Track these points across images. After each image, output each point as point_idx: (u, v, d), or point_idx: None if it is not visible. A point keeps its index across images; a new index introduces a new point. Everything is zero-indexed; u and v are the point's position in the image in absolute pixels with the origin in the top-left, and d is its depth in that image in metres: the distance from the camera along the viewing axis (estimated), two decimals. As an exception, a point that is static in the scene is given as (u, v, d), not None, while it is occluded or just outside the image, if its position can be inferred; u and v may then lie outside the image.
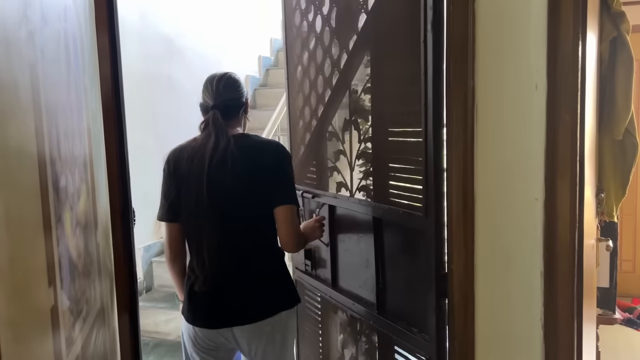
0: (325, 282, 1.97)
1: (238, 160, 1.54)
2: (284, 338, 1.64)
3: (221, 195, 1.54)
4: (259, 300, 1.60)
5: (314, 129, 2.04)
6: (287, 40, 2.24)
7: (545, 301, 1.19)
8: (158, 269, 3.50)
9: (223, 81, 1.66)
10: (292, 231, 1.57)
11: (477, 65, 1.20)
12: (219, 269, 1.57)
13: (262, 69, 5.09)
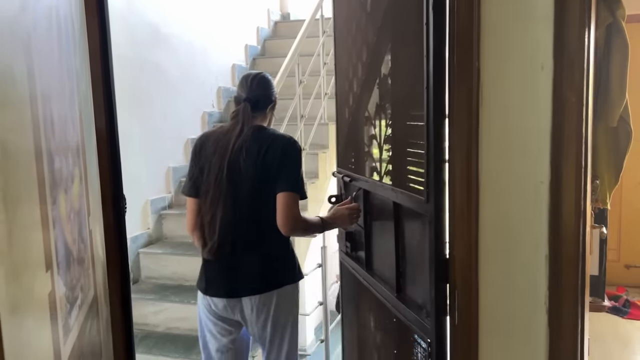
0: (360, 264, 1.99)
1: (252, 148, 1.78)
2: (289, 310, 1.87)
3: (236, 177, 1.78)
4: (265, 273, 1.82)
5: (353, 114, 2.03)
6: (336, 26, 2.25)
7: (550, 285, 1.18)
8: (145, 260, 3.44)
9: (257, 79, 1.89)
10: (285, 216, 1.75)
11: (482, 46, 1.18)
12: (228, 239, 1.78)
13: (248, 58, 5.03)
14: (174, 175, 3.86)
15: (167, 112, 3.84)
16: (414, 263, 1.56)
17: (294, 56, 3.44)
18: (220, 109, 4.54)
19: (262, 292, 1.82)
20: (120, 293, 1.62)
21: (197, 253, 3.36)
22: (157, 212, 3.66)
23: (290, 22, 5.72)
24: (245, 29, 5.07)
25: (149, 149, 3.62)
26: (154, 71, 3.71)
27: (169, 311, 3.13)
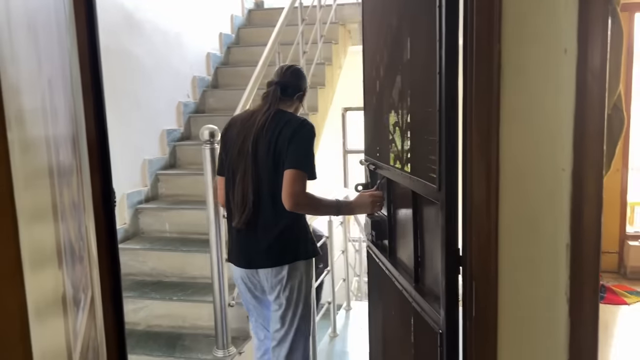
0: (384, 252, 1.99)
1: (270, 127, 1.96)
2: (300, 286, 2.01)
3: (258, 154, 1.96)
4: (279, 247, 1.98)
5: (378, 101, 2.00)
6: (364, 9, 2.22)
7: (571, 274, 1.16)
8: (123, 256, 3.29)
9: (291, 69, 2.14)
10: (286, 191, 1.88)
11: (504, 29, 1.14)
12: (250, 210, 1.96)
13: (223, 46, 4.90)
14: (150, 168, 3.73)
15: (141, 102, 3.69)
16: (431, 253, 1.53)
17: (275, 44, 3.36)
18: (196, 99, 4.41)
19: (275, 265, 1.99)
20: (113, 293, 1.53)
21: (176, 248, 3.29)
22: (133, 207, 3.53)
23: (265, 10, 5.61)
24: (219, 17, 4.93)
25: (123, 141, 3.48)
26: (127, 59, 3.56)
27: (149, 308, 3.02)
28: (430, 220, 1.54)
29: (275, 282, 2.01)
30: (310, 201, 1.93)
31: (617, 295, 3.63)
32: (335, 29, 4.66)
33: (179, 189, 3.75)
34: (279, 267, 1.98)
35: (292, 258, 1.99)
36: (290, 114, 2.04)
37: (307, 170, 1.91)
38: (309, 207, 1.96)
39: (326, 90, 4.33)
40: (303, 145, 1.92)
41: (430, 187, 1.41)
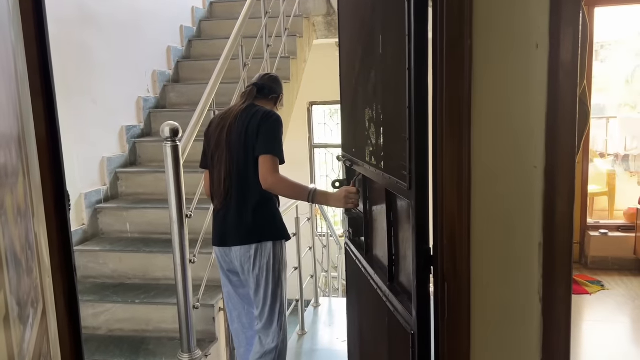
0: (361, 250, 1.97)
1: (242, 118, 2.18)
2: (269, 265, 2.14)
3: (232, 141, 2.16)
4: (248, 226, 2.13)
5: (353, 96, 1.96)
6: (340, 3, 2.20)
7: (544, 273, 1.15)
8: (82, 259, 3.18)
9: (268, 75, 2.41)
10: (262, 173, 2.07)
11: (475, 23, 1.10)
12: (225, 191, 2.16)
13: (184, 39, 4.76)
14: (109, 165, 3.59)
15: (98, 97, 3.54)
16: (404, 252, 1.50)
17: (238, 38, 3.26)
18: (156, 93, 4.28)
19: (244, 243, 2.14)
20: (68, 302, 1.43)
21: (138, 249, 3.18)
22: (92, 207, 3.39)
23: (226, 2, 5.48)
24: (180, 9, 4.79)
25: (80, 138, 3.33)
26: (82, 53, 3.41)
27: (110, 312, 2.91)
28: (403, 218, 1.50)
29: (245, 260, 2.15)
30: (284, 182, 2.10)
31: (579, 285, 3.71)
32: (300, 22, 4.59)
33: (139, 188, 3.63)
34: (247, 246, 2.13)
35: (259, 237, 2.13)
36: (260, 107, 2.21)
37: (277, 154, 2.09)
38: (284, 187, 2.12)
39: (291, 85, 4.26)
40: (271, 132, 2.11)
41: (401, 185, 1.37)
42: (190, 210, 2.49)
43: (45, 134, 1.38)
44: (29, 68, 1.30)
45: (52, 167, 1.40)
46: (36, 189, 1.25)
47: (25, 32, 1.30)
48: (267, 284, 2.16)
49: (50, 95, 1.39)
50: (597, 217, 4.75)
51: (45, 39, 1.37)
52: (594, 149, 5.56)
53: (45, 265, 1.29)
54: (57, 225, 1.41)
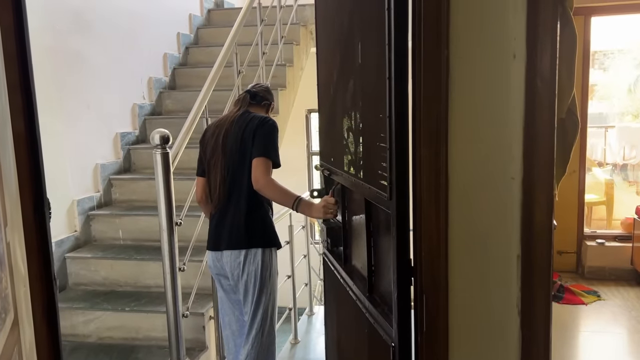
0: (339, 260, 1.95)
1: (238, 124, 2.22)
2: (258, 272, 2.15)
3: (227, 145, 2.20)
4: (239, 232, 2.16)
5: (331, 105, 1.96)
6: (317, 12, 2.21)
7: (522, 286, 1.13)
8: (73, 266, 3.17)
9: (262, 85, 2.48)
10: (255, 174, 2.11)
11: (452, 33, 1.09)
12: (220, 195, 2.20)
13: (181, 46, 4.77)
14: (103, 172, 3.59)
15: (93, 105, 3.55)
16: (384, 262, 1.48)
17: (232, 45, 3.27)
18: (152, 100, 4.28)
19: (234, 248, 2.17)
20: (46, 311, 1.42)
21: (129, 256, 3.16)
22: (84, 213, 3.38)
23: (225, 10, 5.50)
24: (177, 17, 4.80)
25: (74, 145, 3.33)
26: (77, 60, 3.41)
27: (101, 320, 2.89)
28: (383, 229, 1.49)
29: (234, 266, 2.17)
30: (275, 185, 2.12)
31: (575, 296, 3.68)
32: (297, 30, 4.59)
33: (133, 194, 3.62)
34: (237, 251, 2.16)
35: (249, 244, 2.15)
36: (255, 114, 2.26)
37: (271, 157, 2.13)
38: (273, 190, 2.14)
39: (287, 92, 4.26)
40: (267, 137, 2.15)
41: (382, 195, 1.36)
42: (181, 217, 2.47)
43: (24, 140, 1.37)
44: (7, 71, 1.30)
45: (31, 175, 1.39)
46: (11, 196, 1.24)
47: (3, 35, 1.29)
48: (253, 291, 2.16)
49: (30, 100, 1.38)
50: (595, 227, 4.73)
51: (25, 40, 1.36)
52: (592, 158, 5.54)
53: (20, 275, 1.27)
54: (36, 233, 1.40)
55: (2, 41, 1.29)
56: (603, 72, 6.82)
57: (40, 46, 3.01)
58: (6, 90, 1.30)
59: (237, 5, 5.67)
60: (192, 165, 3.21)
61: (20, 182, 1.35)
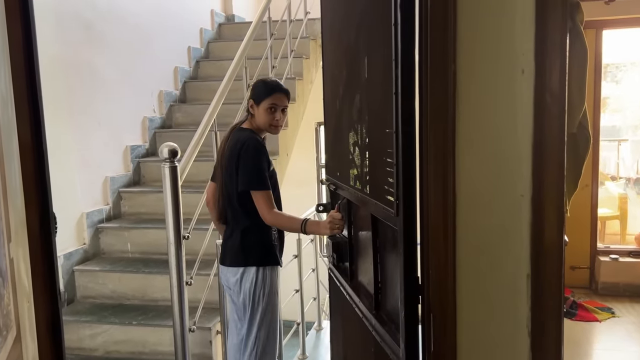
0: (345, 276, 1.93)
1: (228, 146, 2.18)
2: (255, 291, 2.14)
3: (224, 160, 2.18)
4: (237, 249, 2.16)
5: (337, 120, 1.95)
6: (323, 28, 2.22)
7: (532, 306, 1.10)
8: (81, 279, 3.17)
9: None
10: (261, 213, 2.09)
11: (459, 49, 1.08)
12: (220, 211, 2.25)
13: (192, 60, 4.81)
14: (112, 185, 3.60)
15: (103, 117, 3.57)
16: (391, 279, 1.46)
17: (241, 59, 3.28)
18: (162, 113, 4.30)
19: (231, 265, 2.18)
20: (51, 326, 1.41)
21: (137, 269, 3.16)
22: (93, 226, 3.39)
23: (235, 24, 5.55)
24: (188, 31, 4.84)
25: (84, 158, 3.35)
26: (88, 73, 3.45)
27: (108, 333, 2.89)
28: (389, 245, 1.47)
29: (233, 282, 2.18)
30: (282, 217, 2.13)
31: (589, 312, 3.61)
32: (306, 44, 4.61)
33: (142, 207, 3.63)
34: (235, 268, 2.17)
35: (244, 262, 2.15)
36: (242, 133, 2.18)
37: (258, 186, 2.10)
38: (282, 221, 2.15)
39: (297, 105, 4.26)
40: (248, 164, 2.10)
41: (388, 212, 1.34)
42: (188, 231, 2.47)
43: (31, 155, 1.37)
44: (15, 89, 1.30)
45: (38, 188, 1.39)
46: (16, 212, 1.24)
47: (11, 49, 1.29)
48: (247, 309, 2.16)
49: (38, 114, 1.39)
50: (609, 242, 4.65)
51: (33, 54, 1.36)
52: (605, 171, 5.47)
53: (24, 290, 1.27)
54: (41, 248, 1.40)
55: (10, 52, 1.30)
56: (616, 85, 6.77)
57: (52, 58, 3.05)
58: (13, 101, 1.30)
59: (248, 19, 5.71)
60: (201, 178, 3.22)
61: (26, 195, 1.35)
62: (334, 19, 1.98)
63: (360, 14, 1.60)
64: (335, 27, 1.95)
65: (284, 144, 3.89)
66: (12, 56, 1.30)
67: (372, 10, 1.45)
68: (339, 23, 1.89)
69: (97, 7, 3.56)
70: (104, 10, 3.62)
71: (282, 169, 3.85)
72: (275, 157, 3.66)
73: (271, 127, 2.21)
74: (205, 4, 5.17)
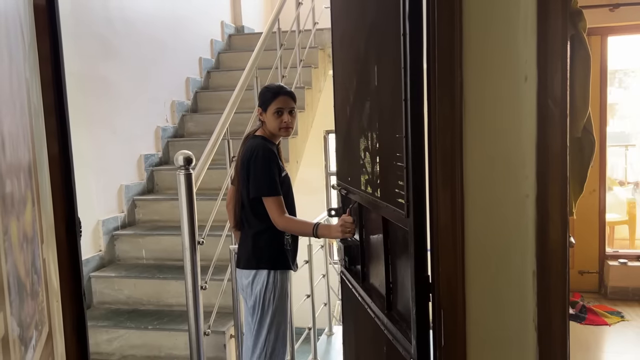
0: (357, 278, 1.97)
1: (241, 154, 2.28)
2: (261, 292, 2.19)
3: (239, 171, 2.28)
4: (249, 253, 2.22)
5: (348, 125, 2.01)
6: (333, 37, 2.29)
7: (538, 301, 1.15)
8: (98, 285, 3.25)
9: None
10: (272, 218, 2.16)
11: (465, 57, 1.14)
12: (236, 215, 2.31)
13: (203, 71, 4.90)
14: (127, 193, 3.69)
15: (118, 127, 3.66)
16: (402, 280, 1.51)
17: (252, 69, 3.36)
18: (175, 123, 4.39)
19: (244, 267, 2.24)
20: (76, 326, 1.48)
21: (152, 275, 3.23)
22: (109, 233, 3.47)
23: (244, 35, 5.64)
24: (199, 42, 4.94)
25: (100, 167, 3.44)
26: (104, 85, 3.54)
27: (124, 338, 2.95)
28: (400, 246, 1.52)
29: (245, 285, 2.24)
30: (293, 222, 2.21)
31: (598, 316, 3.63)
32: (315, 54, 4.69)
33: (156, 215, 3.70)
34: (247, 271, 2.22)
35: (256, 264, 2.20)
36: (254, 141, 2.25)
37: (268, 192, 2.16)
38: (294, 226, 2.22)
39: (306, 114, 4.34)
40: (257, 171, 2.16)
41: (399, 213, 1.39)
42: (203, 237, 2.54)
43: (58, 163, 1.44)
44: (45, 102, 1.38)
45: (64, 196, 1.46)
46: (47, 216, 1.31)
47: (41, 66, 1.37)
48: (257, 312, 2.21)
49: (65, 126, 1.46)
50: (618, 246, 4.66)
51: (60, 70, 1.44)
52: (614, 177, 5.48)
53: (53, 289, 1.34)
54: (67, 251, 1.47)
55: (40, 68, 1.38)
56: (624, 91, 6.78)
57: (71, 73, 3.13)
58: (43, 115, 1.38)
59: (257, 30, 5.81)
60: (214, 185, 3.30)
61: (54, 201, 1.42)
62: (344, 30, 2.04)
63: (370, 26, 1.66)
64: (346, 38, 2.02)
65: (294, 151, 3.96)
66: (42, 72, 1.37)
67: (381, 22, 1.52)
68: (349, 34, 1.96)
69: (113, 23, 3.66)
70: (118, 25, 3.72)
71: (293, 176, 3.91)
72: (286, 164, 3.71)
73: (281, 130, 2.26)
74: (215, 15, 5.27)
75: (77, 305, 1.50)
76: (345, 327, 2.33)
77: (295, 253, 2.36)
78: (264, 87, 2.38)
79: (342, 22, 2.09)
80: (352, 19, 1.91)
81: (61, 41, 1.45)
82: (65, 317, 1.45)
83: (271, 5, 6.08)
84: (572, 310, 3.71)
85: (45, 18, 1.40)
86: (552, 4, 1.09)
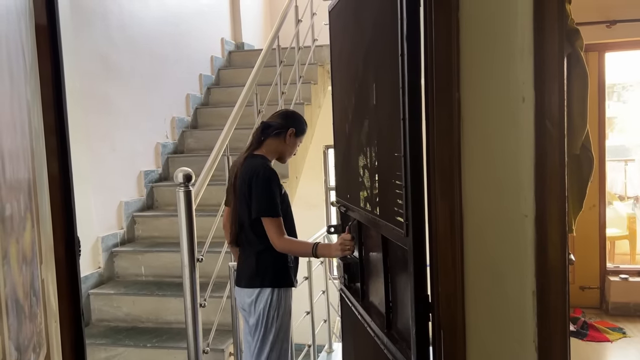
0: (357, 296, 1.97)
1: (240, 174, 2.23)
2: (265, 310, 2.18)
3: (237, 189, 2.24)
4: (250, 271, 2.21)
5: (347, 143, 2.02)
6: (332, 55, 2.31)
7: (538, 321, 1.15)
8: (96, 302, 3.23)
9: (280, 111, 2.44)
10: (271, 239, 2.14)
11: (463, 77, 1.15)
12: (232, 233, 2.29)
13: (203, 87, 4.93)
14: (126, 210, 3.68)
15: (118, 144, 3.67)
16: (402, 298, 1.51)
17: (252, 85, 3.38)
18: (175, 139, 4.40)
19: (246, 286, 2.23)
20: (75, 347, 1.47)
21: (151, 292, 3.21)
22: (108, 250, 3.46)
23: (244, 51, 5.68)
24: (200, 59, 4.98)
25: (99, 183, 3.44)
26: (104, 102, 3.56)
27: (122, 356, 2.93)
28: (400, 265, 1.52)
29: (248, 304, 2.22)
30: (292, 243, 2.19)
31: (600, 332, 3.61)
32: (314, 70, 4.72)
33: (155, 231, 3.70)
34: (250, 290, 2.21)
35: (260, 283, 2.19)
36: (257, 160, 2.24)
37: (270, 213, 2.14)
38: (293, 247, 2.20)
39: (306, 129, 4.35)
40: (259, 192, 2.15)
41: (398, 232, 1.40)
42: (202, 254, 2.53)
43: (58, 183, 1.44)
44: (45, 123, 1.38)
45: (64, 215, 1.46)
46: (46, 236, 1.31)
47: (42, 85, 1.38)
48: (260, 329, 2.20)
49: (65, 145, 1.47)
50: (618, 261, 4.65)
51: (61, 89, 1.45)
52: (613, 191, 5.48)
53: (52, 311, 1.33)
54: (66, 271, 1.46)
55: (41, 89, 1.38)
56: (623, 104, 6.80)
57: (71, 91, 3.15)
58: (43, 137, 1.38)
59: (257, 47, 5.85)
60: (214, 202, 3.29)
61: (54, 221, 1.42)
62: (343, 49, 2.06)
63: (368, 45, 1.68)
64: (344, 57, 2.03)
65: (294, 167, 3.97)
66: (43, 93, 1.38)
67: (379, 42, 1.53)
68: (347, 53, 1.98)
69: (113, 40, 3.69)
70: (119, 42, 3.75)
71: (292, 192, 3.92)
72: (285, 180, 3.73)
73: (289, 157, 2.36)
74: (215, 32, 5.32)
75: (76, 325, 1.49)
76: (344, 346, 2.32)
77: (297, 270, 2.35)
78: (299, 114, 2.40)
79: (341, 41, 2.11)
80: (351, 38, 1.93)
81: (62, 61, 1.46)
82: (64, 338, 1.44)
83: (271, 22, 6.14)
84: (574, 326, 3.69)
85: (47, 39, 1.41)
86: (548, 24, 1.11)
